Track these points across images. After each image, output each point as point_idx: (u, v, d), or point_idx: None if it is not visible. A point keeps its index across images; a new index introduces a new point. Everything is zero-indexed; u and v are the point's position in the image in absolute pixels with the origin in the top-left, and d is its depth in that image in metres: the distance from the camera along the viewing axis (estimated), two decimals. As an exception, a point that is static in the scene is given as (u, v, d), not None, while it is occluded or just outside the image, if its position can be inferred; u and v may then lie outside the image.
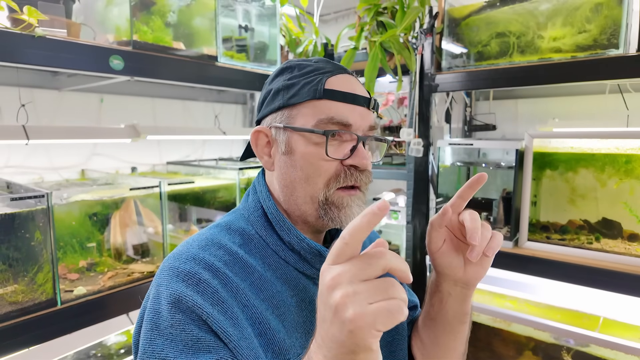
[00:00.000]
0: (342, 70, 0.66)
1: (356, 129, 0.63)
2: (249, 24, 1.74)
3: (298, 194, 0.64)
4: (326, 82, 0.62)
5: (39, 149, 1.56)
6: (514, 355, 1.61)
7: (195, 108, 2.10)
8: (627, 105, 1.58)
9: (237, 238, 0.65)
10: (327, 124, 0.61)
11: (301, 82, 0.63)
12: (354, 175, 0.63)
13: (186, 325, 0.53)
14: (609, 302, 1.55)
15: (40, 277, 1.12)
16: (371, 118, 0.65)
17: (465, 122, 2.02)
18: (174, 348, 0.52)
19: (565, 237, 1.44)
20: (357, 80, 0.67)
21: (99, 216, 1.34)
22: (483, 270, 0.65)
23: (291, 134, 0.64)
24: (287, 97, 0.64)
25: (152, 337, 0.54)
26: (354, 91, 0.63)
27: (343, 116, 0.62)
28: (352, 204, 0.63)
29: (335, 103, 0.62)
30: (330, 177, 0.62)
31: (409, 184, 1.68)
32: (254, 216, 0.67)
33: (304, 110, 0.63)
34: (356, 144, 0.63)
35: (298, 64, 0.66)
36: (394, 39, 1.58)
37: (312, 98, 0.62)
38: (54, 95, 1.59)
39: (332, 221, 0.63)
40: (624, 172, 1.32)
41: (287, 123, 0.64)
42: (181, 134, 1.72)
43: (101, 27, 1.36)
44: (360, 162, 0.62)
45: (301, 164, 0.63)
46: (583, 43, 1.31)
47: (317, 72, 0.64)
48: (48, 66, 1.11)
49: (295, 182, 0.64)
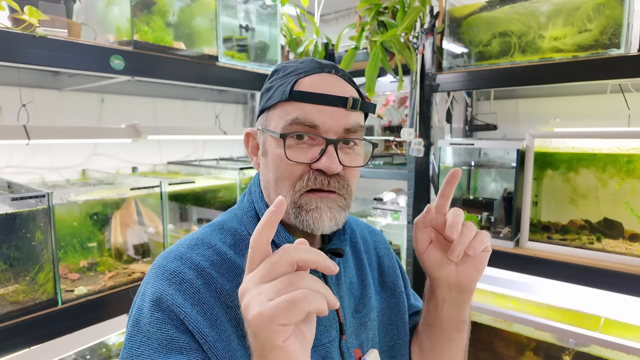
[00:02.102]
0: (324, 69, 0.62)
1: (325, 130, 0.59)
2: (250, 24, 1.74)
3: (272, 196, 0.64)
4: (296, 84, 0.60)
5: (40, 149, 1.56)
6: (514, 356, 1.60)
7: (195, 108, 2.10)
8: (628, 105, 1.58)
9: (229, 238, 0.65)
10: (292, 125, 0.59)
11: (277, 84, 0.63)
12: (318, 179, 0.59)
13: (163, 324, 0.54)
14: (610, 302, 1.55)
15: (41, 277, 1.12)
16: (347, 119, 0.60)
17: (466, 122, 2.02)
18: (149, 346, 0.53)
19: (567, 237, 1.44)
20: (340, 79, 0.63)
21: (99, 216, 1.34)
22: (476, 273, 0.64)
23: (266, 136, 0.63)
24: (265, 100, 0.64)
25: (132, 333, 0.56)
26: (326, 91, 0.59)
27: (307, 117, 0.58)
28: (322, 206, 0.60)
29: (301, 104, 0.59)
30: (295, 180, 0.60)
31: (409, 184, 1.68)
32: (247, 217, 0.67)
33: (275, 113, 0.62)
34: (324, 147, 0.59)
35: (283, 66, 0.65)
36: (395, 39, 1.58)
37: (280, 100, 0.60)
38: (55, 95, 1.59)
39: (302, 224, 0.60)
40: (626, 172, 1.32)
41: (264, 125, 0.64)
42: (182, 134, 1.72)
43: (102, 27, 1.36)
44: (324, 166, 0.58)
45: (272, 166, 0.62)
46: (584, 43, 1.31)
47: (293, 74, 0.62)
48: (49, 66, 1.11)
49: (269, 184, 0.63)
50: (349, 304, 0.69)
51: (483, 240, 0.60)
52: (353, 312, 0.69)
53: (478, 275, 0.64)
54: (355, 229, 0.80)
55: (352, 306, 0.69)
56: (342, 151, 0.61)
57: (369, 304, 0.72)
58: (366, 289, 0.73)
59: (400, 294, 0.78)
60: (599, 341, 1.36)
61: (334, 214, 0.60)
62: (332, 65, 0.64)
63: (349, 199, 0.63)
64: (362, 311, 0.70)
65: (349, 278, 0.71)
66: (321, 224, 0.59)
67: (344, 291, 0.68)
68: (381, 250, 0.81)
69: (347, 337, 0.66)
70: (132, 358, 0.54)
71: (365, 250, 0.78)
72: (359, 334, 0.68)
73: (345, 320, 0.66)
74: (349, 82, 0.64)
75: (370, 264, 0.77)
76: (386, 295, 0.77)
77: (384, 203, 2.01)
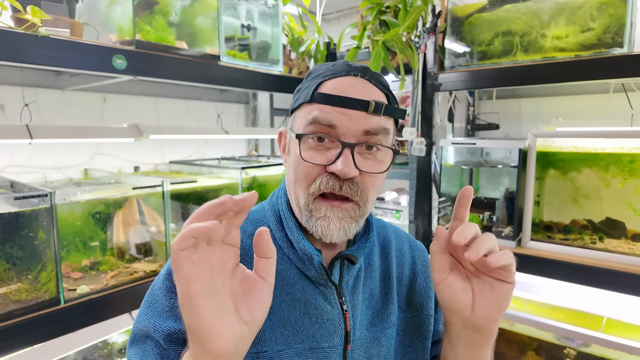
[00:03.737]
0: (350, 72, 0.61)
1: (343, 132, 0.58)
2: (252, 23, 1.74)
3: (292, 195, 0.64)
4: (320, 86, 0.61)
5: (43, 148, 1.56)
6: (516, 356, 1.60)
7: (197, 107, 2.10)
8: (631, 104, 1.57)
9: (250, 227, 0.67)
10: (311, 125, 0.59)
11: (305, 86, 0.64)
12: (330, 182, 0.58)
13: (169, 292, 0.59)
14: (612, 302, 1.55)
15: (43, 276, 1.12)
16: (368, 122, 0.58)
17: (468, 122, 2.01)
18: (154, 308, 0.60)
19: (569, 237, 1.43)
20: (366, 82, 0.61)
21: (102, 215, 1.35)
22: (496, 311, 0.57)
23: (291, 136, 0.64)
24: (294, 101, 0.65)
25: (148, 294, 0.63)
26: (347, 94, 0.58)
27: (325, 117, 0.58)
28: (331, 216, 0.59)
29: (321, 106, 0.59)
30: (310, 182, 0.59)
31: (411, 184, 1.68)
32: (271, 210, 0.69)
33: (299, 113, 0.63)
34: (340, 150, 0.57)
35: (315, 69, 0.66)
36: (397, 38, 1.58)
37: (304, 102, 0.61)
38: (58, 95, 1.60)
39: (311, 229, 0.60)
40: (628, 171, 1.32)
41: (290, 125, 0.66)
42: (184, 134, 1.72)
43: (104, 26, 1.36)
44: (338, 169, 0.56)
45: (292, 166, 0.63)
46: (587, 42, 1.30)
47: (320, 76, 0.62)
48: (51, 66, 1.11)
49: (290, 183, 0.64)
50: (364, 314, 0.67)
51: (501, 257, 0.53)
52: (368, 324, 0.67)
53: (498, 314, 0.57)
54: (391, 240, 0.76)
55: (367, 318, 0.67)
56: (361, 156, 0.59)
57: (387, 320, 0.68)
58: (388, 304, 0.69)
59: (427, 316, 0.73)
60: (601, 341, 1.36)
61: (343, 224, 0.59)
62: (361, 68, 0.62)
63: (363, 207, 0.61)
64: (378, 325, 0.67)
65: (369, 288, 0.69)
66: (329, 233, 0.59)
67: (358, 300, 0.66)
68: (418, 267, 0.76)
69: (355, 347, 0.64)
70: (140, 314, 0.61)
71: (398, 264, 0.74)
72: (369, 348, 0.66)
73: (354, 330, 0.64)
74: (378, 86, 0.62)
75: (400, 279, 0.73)
76: (411, 315, 0.72)
77: (386, 202, 2.01)
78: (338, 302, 0.63)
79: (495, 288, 0.57)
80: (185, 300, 0.44)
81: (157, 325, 0.58)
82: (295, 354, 0.60)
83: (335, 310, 0.63)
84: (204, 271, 0.44)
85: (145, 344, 0.59)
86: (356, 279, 0.67)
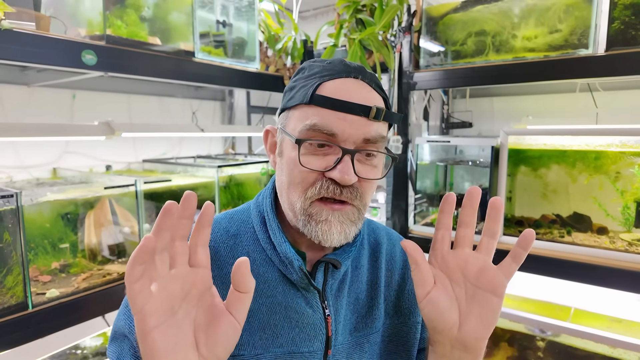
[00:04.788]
0: (350, 74, 0.59)
1: (344, 139, 0.56)
2: (227, 19, 1.72)
3: (284, 198, 0.62)
4: (319, 87, 0.58)
5: (8, 147, 1.50)
6: (490, 347, 1.65)
7: (172, 104, 2.06)
8: (596, 103, 1.64)
9: (234, 227, 0.66)
10: (310, 131, 0.57)
11: (300, 84, 0.61)
12: (330, 188, 0.57)
13: None
14: (579, 293, 1.61)
15: (9, 280, 1.08)
16: (368, 129, 0.57)
17: (443, 120, 2.05)
18: (129, 309, 0.58)
19: (539, 231, 1.48)
20: (366, 86, 0.59)
21: (72, 216, 1.30)
22: (483, 329, 0.55)
23: (284, 137, 0.62)
24: (287, 99, 0.62)
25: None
26: (349, 98, 0.56)
27: (326, 125, 0.56)
28: (332, 220, 0.57)
29: (322, 110, 0.56)
30: (307, 186, 0.58)
31: (388, 181, 1.70)
32: (256, 210, 0.67)
33: (295, 114, 0.60)
34: (340, 157, 0.56)
35: (309, 65, 0.63)
36: (373, 37, 1.59)
37: (301, 102, 0.58)
38: (23, 91, 1.53)
39: (310, 234, 0.58)
40: (594, 168, 1.38)
41: (283, 125, 0.62)
42: (157, 131, 1.68)
43: (72, 20, 1.31)
44: (338, 177, 0.55)
45: (286, 169, 0.60)
46: (555, 43, 1.35)
47: (317, 75, 0.60)
48: (16, 61, 1.06)
49: (282, 186, 0.62)
50: (348, 319, 0.65)
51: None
52: (352, 329, 0.65)
53: (486, 332, 0.55)
54: (383, 243, 0.74)
55: (351, 323, 0.66)
56: (360, 162, 0.58)
57: (372, 325, 0.67)
58: (374, 309, 0.68)
59: (414, 324, 0.71)
60: (569, 330, 1.42)
61: (344, 227, 0.58)
62: (359, 69, 0.60)
63: (362, 210, 0.60)
64: (362, 330, 0.66)
65: (355, 293, 0.67)
66: (330, 237, 0.57)
67: (342, 305, 0.65)
68: (409, 273, 0.73)
69: (336, 352, 0.63)
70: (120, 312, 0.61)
71: (387, 268, 0.72)
72: (351, 353, 0.64)
73: (336, 335, 0.63)
74: (376, 89, 0.60)
75: (388, 283, 0.71)
76: (398, 321, 0.70)
77: (363, 200, 2.03)
78: (320, 306, 0.62)
79: (483, 304, 0.55)
80: (140, 335, 0.42)
81: (132, 328, 0.56)
82: (274, 358, 0.59)
83: (317, 315, 0.62)
84: (162, 304, 0.43)
85: (124, 342, 0.58)
86: (341, 282, 0.66)
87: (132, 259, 0.40)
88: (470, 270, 0.57)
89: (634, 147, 1.30)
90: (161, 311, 0.42)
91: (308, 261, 0.65)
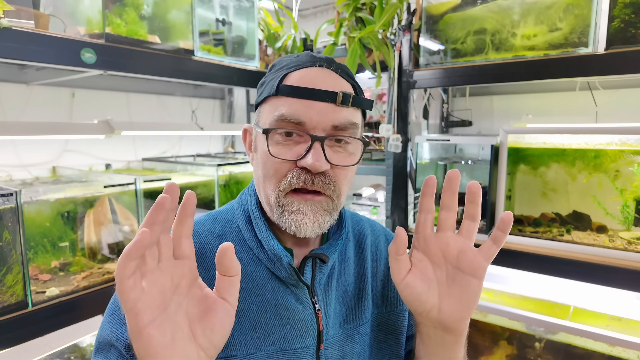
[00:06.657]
0: (315, 63, 0.59)
1: (312, 127, 0.56)
2: (227, 18, 1.71)
3: (261, 193, 0.62)
4: (285, 78, 0.58)
5: (7, 146, 1.50)
6: (489, 345, 1.65)
7: (171, 103, 2.06)
8: (595, 102, 1.64)
9: (218, 228, 0.65)
10: (279, 121, 0.57)
11: (269, 78, 0.61)
12: (302, 177, 0.56)
13: None
14: (578, 291, 1.61)
15: (9, 279, 1.08)
16: (336, 115, 0.57)
17: (442, 118, 2.05)
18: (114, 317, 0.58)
19: (538, 229, 1.48)
20: (332, 73, 0.59)
21: (71, 215, 1.30)
22: (463, 310, 0.56)
23: (257, 132, 0.62)
24: (258, 95, 0.63)
25: (110, 301, 0.61)
26: (314, 85, 0.56)
27: (293, 114, 0.56)
28: (304, 209, 0.57)
29: (289, 99, 0.57)
30: (280, 177, 0.58)
31: (388, 180, 1.70)
32: (240, 209, 0.67)
33: (265, 108, 0.60)
34: (310, 144, 0.56)
35: (279, 61, 0.63)
36: (373, 35, 1.59)
37: (269, 95, 0.59)
38: (22, 90, 1.53)
39: (284, 225, 0.58)
40: (593, 166, 1.38)
41: (256, 121, 0.63)
42: (157, 130, 1.68)
43: (72, 18, 1.31)
44: (309, 164, 0.55)
45: (260, 163, 0.61)
46: (555, 41, 1.35)
47: (285, 67, 0.60)
48: (15, 59, 1.06)
49: (259, 181, 0.62)
50: (338, 312, 0.66)
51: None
52: (341, 322, 0.66)
53: (466, 314, 0.57)
54: (367, 234, 0.75)
55: (340, 315, 0.66)
56: (331, 149, 0.58)
57: (361, 316, 0.68)
58: (362, 300, 0.68)
59: (401, 311, 0.73)
60: (568, 329, 1.42)
61: (317, 217, 0.58)
62: (326, 58, 0.61)
63: (336, 200, 0.60)
64: (352, 322, 0.67)
65: (343, 285, 0.68)
66: (303, 227, 0.57)
67: (331, 298, 0.65)
68: None
69: (328, 346, 0.63)
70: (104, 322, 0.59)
71: (373, 259, 0.73)
72: (342, 346, 0.65)
73: (327, 329, 0.63)
74: (344, 77, 0.60)
75: (375, 274, 0.72)
76: (385, 311, 0.71)
77: (363, 198, 2.03)
78: (310, 302, 0.62)
79: (463, 286, 0.56)
80: (135, 333, 0.41)
81: (119, 335, 0.56)
82: (266, 356, 0.59)
83: (307, 311, 0.62)
84: (154, 299, 0.42)
85: (110, 352, 0.56)
86: (329, 276, 0.66)
87: (127, 254, 0.39)
88: (451, 252, 0.58)
89: (634, 145, 1.30)
90: (154, 306, 0.42)
91: (295, 257, 0.65)
